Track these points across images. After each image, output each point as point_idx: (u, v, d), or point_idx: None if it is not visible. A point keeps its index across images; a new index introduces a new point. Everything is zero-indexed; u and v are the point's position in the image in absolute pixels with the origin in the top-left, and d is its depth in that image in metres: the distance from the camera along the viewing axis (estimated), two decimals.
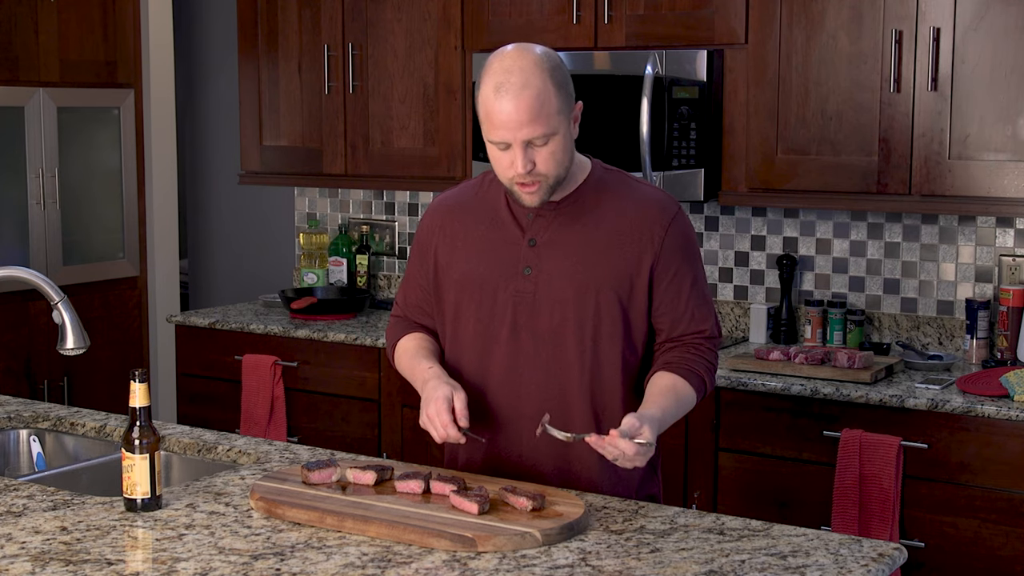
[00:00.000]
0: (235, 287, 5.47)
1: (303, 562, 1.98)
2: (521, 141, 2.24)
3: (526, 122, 2.22)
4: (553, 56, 2.30)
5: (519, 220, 2.41)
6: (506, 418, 2.43)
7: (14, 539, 2.10)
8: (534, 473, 2.42)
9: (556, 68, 2.27)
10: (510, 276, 2.39)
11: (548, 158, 2.27)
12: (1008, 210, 3.47)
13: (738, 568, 1.96)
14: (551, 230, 2.38)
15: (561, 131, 2.27)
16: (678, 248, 2.38)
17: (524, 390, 2.40)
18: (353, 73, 4.48)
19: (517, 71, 2.23)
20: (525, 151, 2.25)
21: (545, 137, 2.25)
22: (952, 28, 3.43)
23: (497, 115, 2.24)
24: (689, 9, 3.81)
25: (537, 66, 2.24)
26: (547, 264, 2.38)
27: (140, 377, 2.23)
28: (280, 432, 4.34)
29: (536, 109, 2.22)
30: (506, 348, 2.40)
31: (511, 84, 2.22)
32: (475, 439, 2.36)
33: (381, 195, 4.94)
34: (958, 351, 3.82)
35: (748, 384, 3.47)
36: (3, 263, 4.50)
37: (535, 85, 2.23)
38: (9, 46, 4.67)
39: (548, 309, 2.37)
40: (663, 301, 2.39)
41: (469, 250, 2.44)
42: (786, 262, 4.00)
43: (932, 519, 3.27)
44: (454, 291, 2.45)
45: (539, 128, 2.23)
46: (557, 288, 2.37)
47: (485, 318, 2.42)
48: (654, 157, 3.80)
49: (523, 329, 2.39)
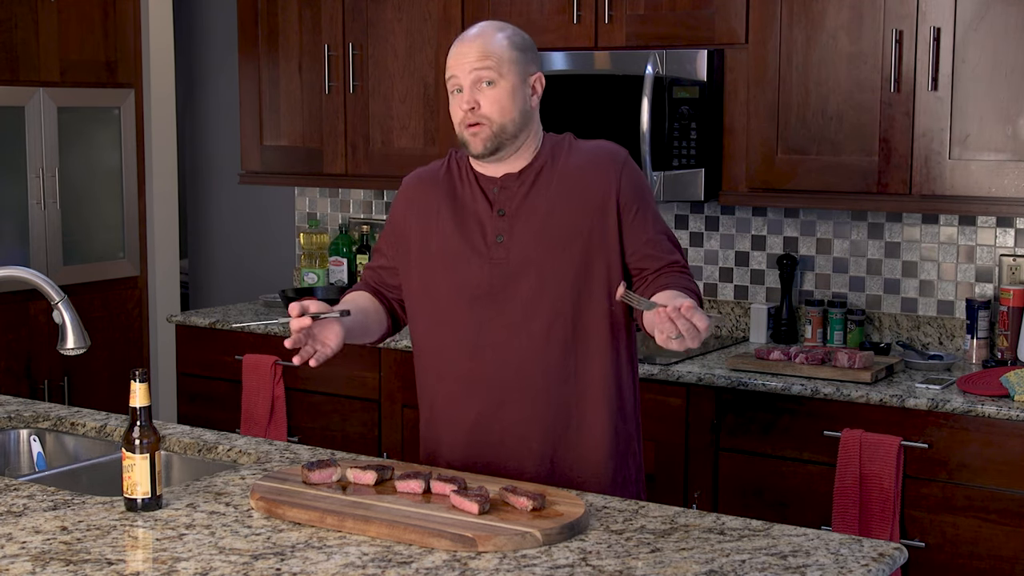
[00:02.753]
0: (235, 287, 5.47)
1: (303, 562, 1.98)
2: (468, 76, 2.42)
3: (474, 60, 2.42)
4: (519, 30, 2.52)
5: (487, 194, 2.50)
6: (490, 386, 2.47)
7: (14, 539, 2.10)
8: (519, 453, 2.47)
9: (517, 35, 2.50)
10: (483, 245, 2.47)
11: (492, 102, 2.42)
12: (1008, 210, 3.47)
13: (738, 568, 1.96)
14: (517, 198, 2.48)
15: (510, 80, 2.43)
16: (635, 187, 2.50)
17: (510, 355, 2.46)
18: (353, 73, 4.48)
19: (478, 27, 2.50)
20: (471, 89, 2.43)
21: (491, 78, 2.42)
22: (952, 28, 3.43)
23: (452, 57, 2.46)
24: (689, 9, 3.81)
25: (497, 28, 2.49)
26: (518, 229, 2.46)
27: (140, 377, 2.23)
28: (280, 432, 4.34)
29: (485, 51, 2.43)
30: (485, 314, 2.46)
31: (470, 34, 2.48)
32: (331, 314, 2.40)
33: (381, 195, 4.94)
34: (958, 351, 3.82)
35: (748, 384, 3.47)
36: (3, 263, 4.50)
37: (489, 35, 2.46)
38: (9, 46, 4.67)
39: (526, 272, 2.45)
40: (633, 237, 2.48)
41: (441, 223, 2.52)
42: (786, 262, 4.00)
43: (932, 519, 3.27)
44: (427, 262, 2.52)
45: (485, 64, 2.42)
46: (532, 250, 2.45)
47: (462, 287, 2.48)
48: (654, 157, 3.80)
49: (501, 295, 2.45)
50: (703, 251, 4.23)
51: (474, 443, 2.50)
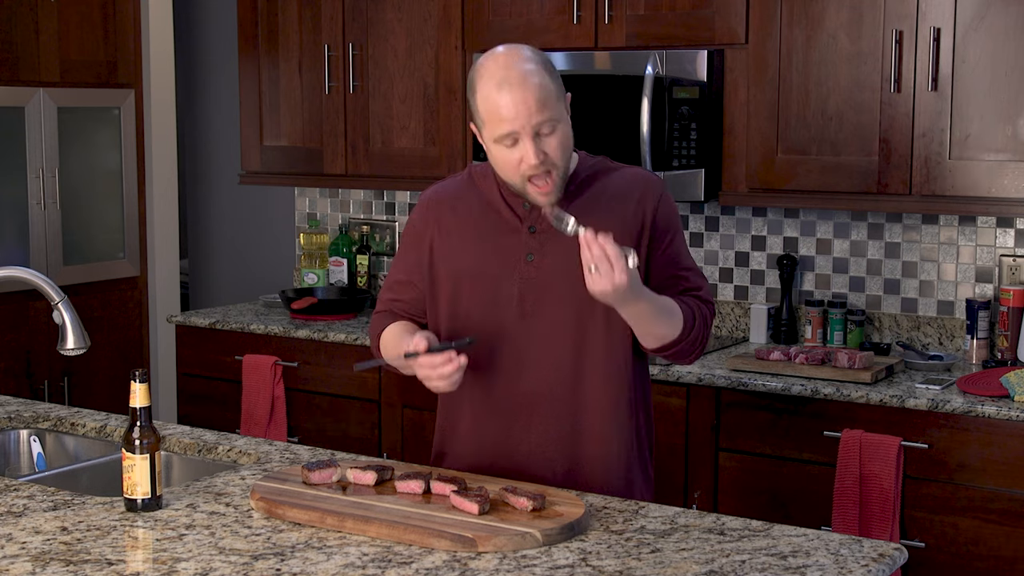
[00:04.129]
0: (235, 287, 5.47)
1: (303, 562, 1.98)
2: (531, 130, 2.27)
3: (535, 110, 2.26)
4: (541, 52, 2.38)
5: (516, 210, 2.43)
6: (518, 406, 2.44)
7: (14, 539, 2.10)
8: (541, 474, 2.43)
9: (547, 61, 2.35)
10: (514, 263, 2.42)
11: (557, 146, 2.30)
12: (1008, 210, 3.47)
13: (738, 568, 1.96)
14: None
15: (564, 118, 2.33)
16: (669, 217, 2.45)
17: (534, 374, 2.42)
18: (353, 73, 4.48)
19: (514, 66, 2.29)
20: (535, 141, 2.28)
21: (552, 123, 2.29)
22: (952, 28, 3.43)
23: (504, 108, 2.27)
24: (689, 9, 3.81)
25: (531, 60, 2.31)
26: (549, 248, 2.40)
27: (140, 377, 2.23)
28: (280, 432, 4.34)
29: (542, 96, 2.27)
30: (515, 334, 2.42)
31: (512, 77, 2.27)
32: (463, 345, 2.35)
33: (381, 195, 4.94)
34: (958, 351, 3.82)
35: (748, 384, 3.47)
36: (3, 263, 4.51)
37: (535, 74, 2.28)
38: (9, 46, 4.67)
39: (556, 292, 2.39)
40: (660, 268, 2.44)
41: (467, 241, 2.46)
42: (786, 262, 4.00)
43: (932, 519, 3.27)
44: (452, 282, 2.47)
45: (547, 113, 2.27)
46: (562, 271, 2.39)
47: (490, 306, 2.43)
48: (654, 157, 3.80)
49: (530, 315, 2.41)
50: (703, 251, 4.23)
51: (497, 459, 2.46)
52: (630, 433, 2.47)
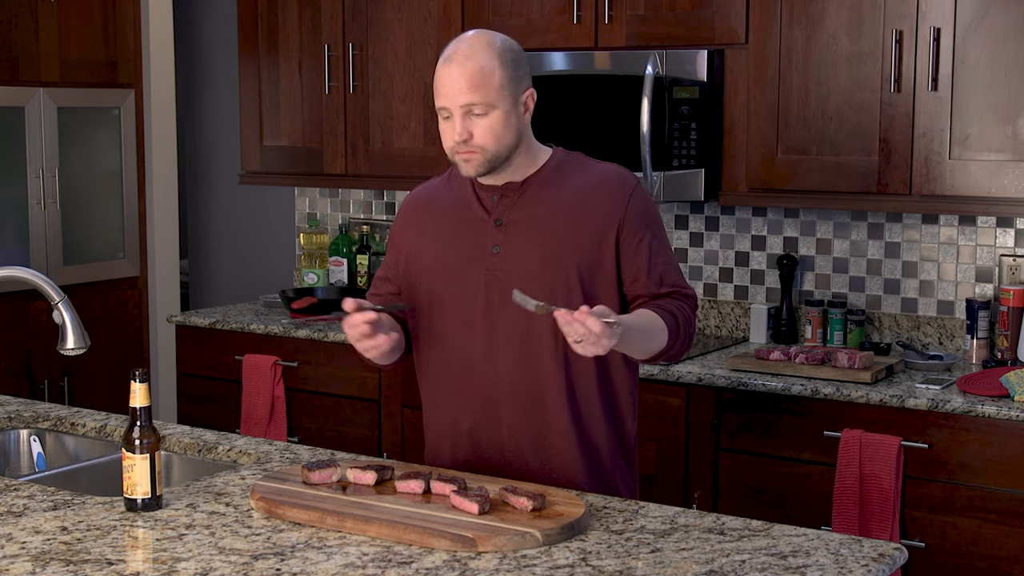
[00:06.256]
0: (235, 287, 5.47)
1: (303, 562, 1.98)
2: (460, 108, 2.33)
3: (465, 89, 2.32)
4: (509, 42, 2.41)
5: (484, 203, 2.46)
6: (487, 399, 2.46)
7: (14, 539, 2.10)
8: (515, 466, 2.45)
9: (508, 50, 2.38)
10: (479, 256, 2.45)
11: (486, 130, 2.35)
12: (1008, 210, 3.47)
13: (738, 568, 1.96)
14: (516, 209, 2.44)
15: (502, 107, 2.35)
16: (641, 214, 2.45)
17: (502, 367, 2.44)
18: (353, 73, 4.48)
19: (466, 46, 2.36)
20: (463, 120, 2.34)
21: (484, 108, 2.33)
22: (952, 28, 3.43)
23: (440, 81, 2.36)
24: (689, 9, 3.81)
25: (487, 44, 2.36)
26: (514, 240, 2.43)
27: (140, 377, 2.23)
28: (280, 432, 4.34)
29: (477, 79, 2.32)
30: (482, 327, 2.45)
31: (458, 55, 2.35)
32: (393, 309, 2.40)
33: (381, 195, 4.94)
34: (958, 351, 3.82)
35: (748, 384, 3.47)
36: (3, 263, 4.51)
37: (480, 58, 2.34)
38: (9, 46, 4.67)
39: (520, 284, 2.40)
40: (631, 266, 2.44)
41: (439, 238, 2.49)
42: (786, 262, 4.00)
43: (932, 519, 3.27)
44: (426, 279, 2.50)
45: (477, 96, 2.32)
46: (526, 263, 2.42)
47: (459, 300, 2.46)
48: (654, 157, 3.80)
49: (496, 306, 2.43)
50: (703, 251, 4.23)
51: (472, 451, 2.49)
52: (603, 423, 2.48)
